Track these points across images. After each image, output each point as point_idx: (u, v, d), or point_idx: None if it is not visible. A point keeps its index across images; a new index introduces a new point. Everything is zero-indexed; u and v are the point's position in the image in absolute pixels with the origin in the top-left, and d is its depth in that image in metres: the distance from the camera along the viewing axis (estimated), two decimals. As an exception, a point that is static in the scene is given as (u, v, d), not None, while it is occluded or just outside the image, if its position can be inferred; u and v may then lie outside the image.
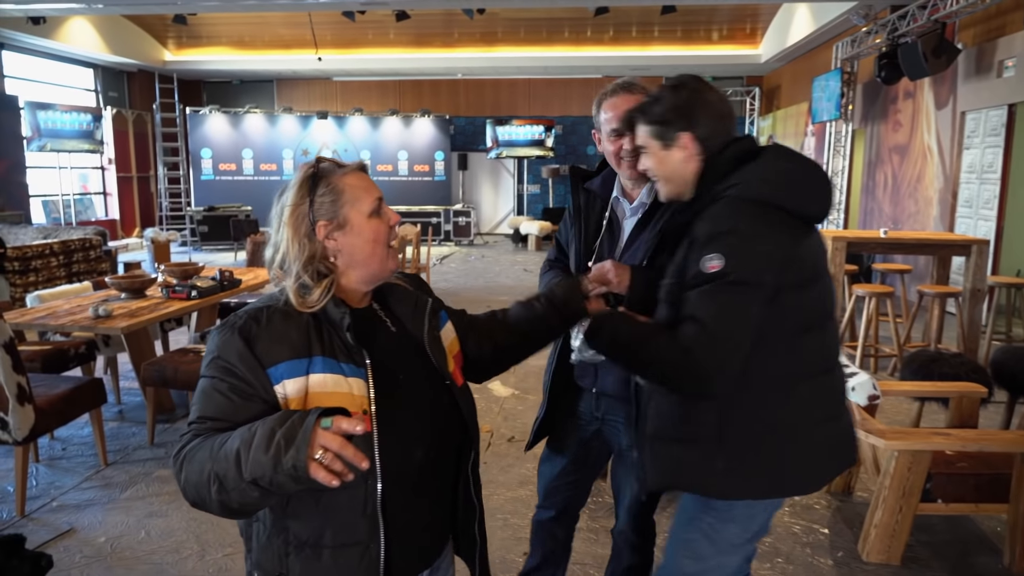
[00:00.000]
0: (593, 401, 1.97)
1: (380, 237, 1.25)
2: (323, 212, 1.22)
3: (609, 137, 1.82)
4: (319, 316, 1.21)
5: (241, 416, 1.12)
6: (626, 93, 1.81)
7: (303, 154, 14.72)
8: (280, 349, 1.16)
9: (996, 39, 6.83)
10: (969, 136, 7.35)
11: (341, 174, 1.25)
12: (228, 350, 1.15)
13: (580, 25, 13.08)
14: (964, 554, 2.82)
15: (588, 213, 1.95)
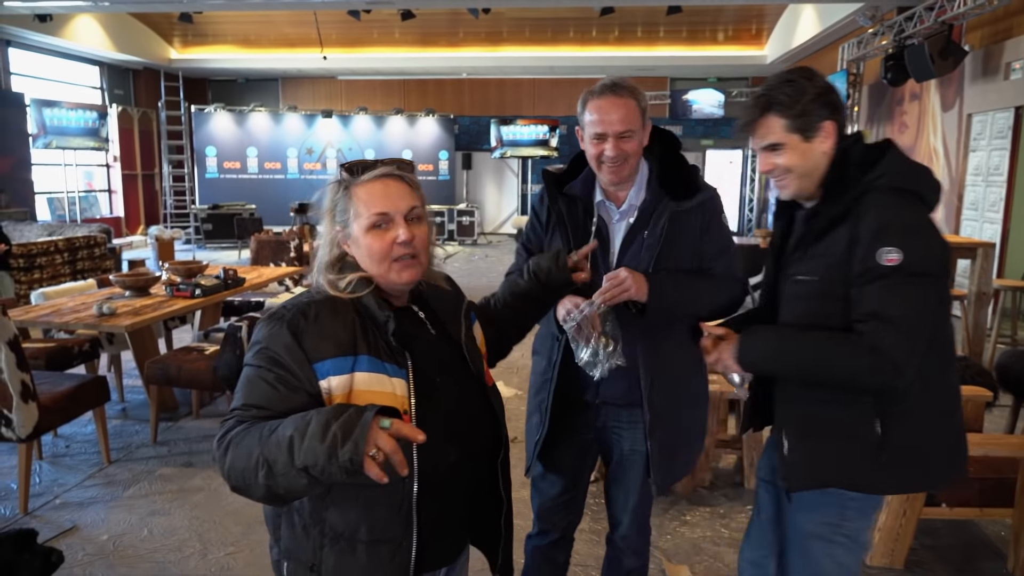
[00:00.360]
0: (593, 412, 1.90)
1: (375, 253, 1.25)
2: (338, 219, 1.28)
3: (592, 140, 1.75)
4: (363, 314, 1.24)
5: (286, 406, 1.14)
6: (612, 95, 1.73)
7: (307, 153, 14.74)
8: (327, 345, 1.19)
9: (1003, 41, 6.80)
10: (975, 138, 7.33)
11: (359, 182, 1.26)
12: (276, 342, 1.18)
13: (585, 25, 13.08)
14: (968, 558, 2.81)
15: (572, 219, 1.84)
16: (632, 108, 1.72)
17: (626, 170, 1.75)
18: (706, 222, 1.81)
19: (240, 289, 4.74)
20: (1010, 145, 6.71)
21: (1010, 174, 6.74)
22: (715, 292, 1.81)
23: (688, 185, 1.80)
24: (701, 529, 3.03)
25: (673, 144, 1.86)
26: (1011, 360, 4.03)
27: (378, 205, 1.25)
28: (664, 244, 1.75)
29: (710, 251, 1.82)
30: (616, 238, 1.82)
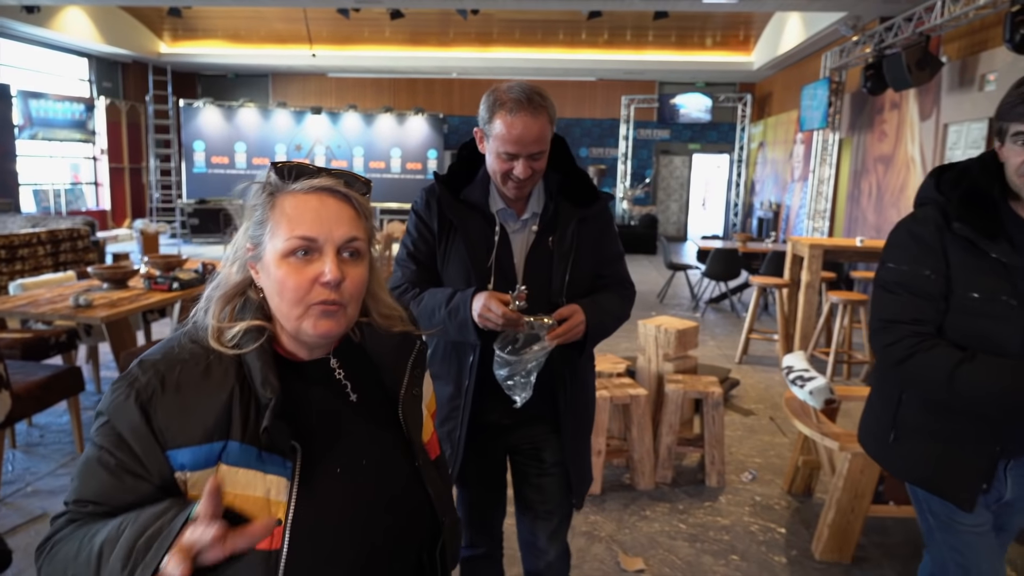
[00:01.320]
0: (507, 432, 1.84)
1: (288, 291, 0.92)
2: (253, 231, 0.96)
3: (499, 156, 1.63)
4: (246, 382, 0.93)
5: (128, 499, 0.88)
6: (528, 114, 1.57)
7: (296, 149, 14.76)
8: (187, 428, 0.89)
9: (979, 53, 6.93)
10: (951, 148, 7.46)
11: (288, 189, 0.95)
12: (120, 417, 0.89)
13: (575, 28, 13.17)
14: (915, 554, 2.91)
15: (469, 227, 1.70)
16: (545, 125, 1.61)
17: (531, 186, 1.68)
18: (602, 228, 1.79)
19: (219, 283, 4.78)
20: (983, 155, 6.84)
21: (983, 184, 6.86)
22: (625, 307, 1.82)
23: (587, 191, 1.76)
24: (659, 524, 3.11)
25: (564, 149, 1.78)
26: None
27: (304, 226, 0.92)
28: (576, 253, 1.70)
29: (607, 256, 1.81)
30: (519, 247, 1.73)
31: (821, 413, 3.01)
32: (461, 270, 1.71)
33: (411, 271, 1.77)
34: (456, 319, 1.63)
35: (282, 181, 0.95)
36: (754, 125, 14.79)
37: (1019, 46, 5.30)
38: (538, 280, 1.68)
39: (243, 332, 0.94)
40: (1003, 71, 6.46)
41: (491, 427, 1.81)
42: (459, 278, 1.72)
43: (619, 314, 1.79)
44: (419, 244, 1.76)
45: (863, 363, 5.50)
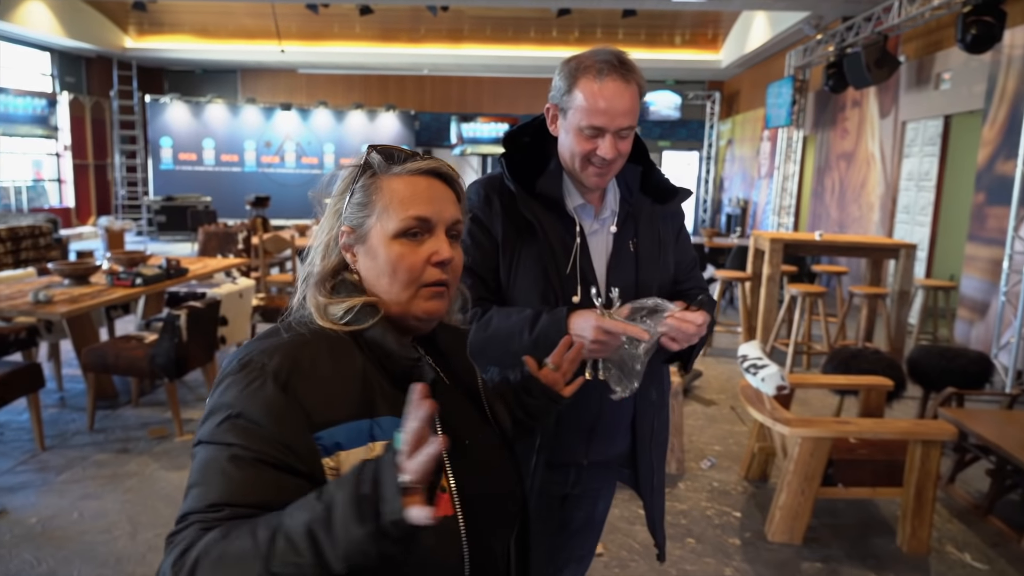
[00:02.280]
0: (574, 474, 1.54)
1: (403, 270, 0.92)
2: (351, 214, 0.95)
3: (581, 132, 1.36)
4: (374, 357, 0.91)
5: (277, 499, 0.77)
6: (620, 79, 1.33)
7: (265, 146, 14.63)
8: (335, 406, 0.85)
9: (935, 53, 7.12)
10: (908, 145, 7.66)
11: (393, 172, 0.94)
12: (255, 403, 0.82)
13: (546, 25, 13.22)
14: (862, 535, 3.01)
15: (550, 228, 1.42)
16: (636, 96, 1.36)
17: (613, 174, 1.42)
18: (678, 228, 1.56)
19: (183, 279, 4.76)
20: (939, 152, 7.05)
21: (939, 180, 7.07)
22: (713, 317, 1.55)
23: (665, 184, 1.52)
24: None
25: (636, 139, 1.51)
26: (920, 355, 4.28)
27: (419, 206, 0.93)
28: (664, 254, 1.50)
29: (685, 262, 1.57)
30: (598, 251, 1.46)
31: (774, 400, 3.10)
32: (537, 281, 1.41)
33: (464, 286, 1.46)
34: (546, 344, 1.27)
35: (388, 164, 0.95)
36: (723, 122, 14.98)
37: (971, 46, 5.46)
38: (622, 290, 1.36)
39: (357, 308, 0.92)
40: (957, 70, 6.65)
41: (560, 467, 1.52)
42: (532, 292, 1.41)
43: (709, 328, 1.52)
44: (474, 253, 1.42)
45: (822, 353, 5.63)
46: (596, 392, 1.38)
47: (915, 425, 2.96)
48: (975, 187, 6.19)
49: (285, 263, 8.35)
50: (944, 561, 2.85)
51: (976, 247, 6.10)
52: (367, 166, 0.95)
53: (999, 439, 3.00)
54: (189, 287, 5.89)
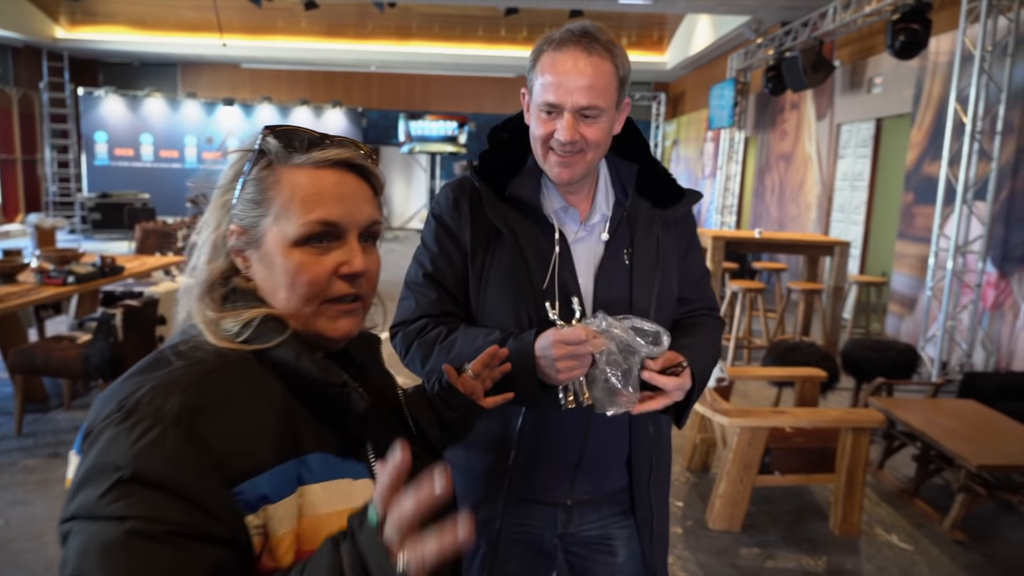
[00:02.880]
0: (561, 515, 1.33)
1: (303, 284, 0.77)
2: (241, 211, 0.78)
3: (540, 112, 1.19)
4: (292, 379, 0.76)
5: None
6: (579, 49, 1.15)
7: (207, 142, 14.25)
8: (255, 447, 0.69)
9: (867, 58, 7.41)
10: (843, 146, 7.95)
11: (295, 163, 0.77)
12: (154, 463, 0.64)
13: (494, 24, 13.24)
14: (798, 520, 3.12)
15: (525, 235, 1.24)
16: (604, 69, 1.16)
17: (583, 167, 1.21)
18: (687, 238, 1.36)
19: (119, 277, 4.60)
20: (871, 153, 7.34)
21: (871, 180, 7.36)
22: (718, 345, 1.36)
23: (669, 187, 1.31)
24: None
25: (635, 133, 1.34)
26: (853, 348, 4.46)
27: (327, 207, 0.77)
28: (662, 267, 1.27)
29: (695, 275, 1.37)
30: (584, 262, 1.26)
31: (714, 392, 3.18)
32: (508, 295, 1.24)
33: (430, 300, 1.28)
34: (513, 376, 1.16)
35: (287, 152, 0.77)
36: (668, 123, 15.27)
37: (900, 52, 5.70)
38: (613, 308, 1.18)
39: (257, 323, 0.75)
40: (887, 75, 6.94)
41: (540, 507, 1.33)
42: (503, 308, 1.24)
43: (715, 356, 1.33)
44: (441, 263, 1.28)
45: (762, 347, 5.80)
46: (581, 422, 1.25)
47: (846, 413, 3.08)
48: (904, 187, 6.47)
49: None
50: (873, 543, 2.98)
51: (905, 244, 6.38)
52: (262, 153, 0.78)
53: (924, 426, 3.15)
54: (126, 286, 5.69)
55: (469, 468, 1.32)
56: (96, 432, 0.67)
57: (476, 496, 1.31)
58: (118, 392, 0.70)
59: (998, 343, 5.04)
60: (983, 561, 2.87)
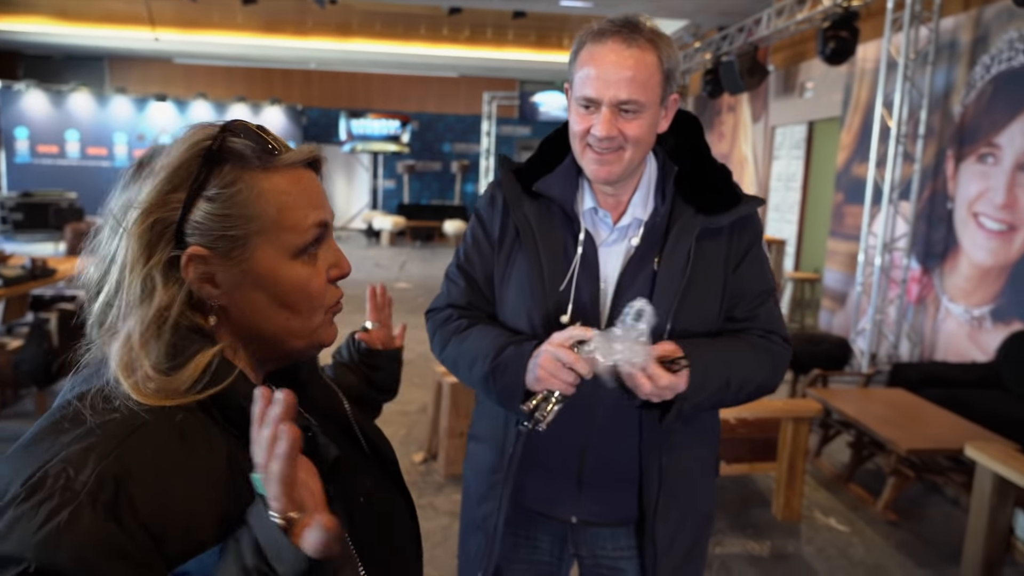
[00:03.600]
0: (568, 535, 1.29)
1: (310, 296, 0.71)
2: (204, 231, 0.66)
3: (578, 107, 1.15)
4: (237, 426, 0.65)
5: None
6: (620, 41, 1.10)
7: (138, 139, 13.74)
8: (198, 519, 0.59)
9: (799, 63, 7.72)
10: (777, 148, 8.26)
11: (269, 167, 0.68)
12: (65, 548, 0.53)
13: (437, 23, 13.19)
14: (742, 507, 3.25)
15: (546, 233, 1.21)
16: (649, 67, 1.11)
17: (621, 165, 1.15)
18: (743, 249, 1.22)
19: (50, 280, 4.41)
20: (804, 155, 7.65)
21: (804, 180, 7.67)
22: (767, 366, 1.21)
23: (720, 192, 1.20)
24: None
25: (696, 132, 1.26)
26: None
27: (319, 208, 0.72)
28: (690, 280, 1.17)
29: (749, 292, 1.23)
30: (609, 266, 1.21)
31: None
32: (523, 295, 1.21)
33: (459, 290, 1.29)
34: (501, 381, 1.14)
35: (267, 154, 0.68)
36: (609, 124, 15.51)
37: (830, 58, 5.95)
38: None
39: (216, 365, 0.65)
40: (818, 80, 7.24)
41: (546, 520, 1.28)
42: (518, 308, 1.22)
43: (750, 376, 1.18)
44: (473, 255, 1.28)
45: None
46: (578, 433, 1.19)
47: (786, 404, 3.22)
48: (835, 187, 6.77)
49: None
50: (813, 526, 3.13)
51: (836, 242, 6.67)
52: (226, 156, 0.66)
53: (858, 414, 3.32)
54: (56, 289, 5.46)
55: (476, 465, 1.32)
56: (12, 511, 0.54)
57: (479, 493, 1.30)
58: (22, 461, 0.58)
59: (922, 335, 5.34)
60: (912, 539, 3.05)
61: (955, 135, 5.02)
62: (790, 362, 1.28)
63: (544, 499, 1.26)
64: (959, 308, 4.88)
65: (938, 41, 5.17)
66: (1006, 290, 4.44)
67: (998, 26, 4.65)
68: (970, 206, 4.84)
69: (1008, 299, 4.42)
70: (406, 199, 15.37)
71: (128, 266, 0.65)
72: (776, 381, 1.24)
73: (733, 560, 2.83)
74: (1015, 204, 4.41)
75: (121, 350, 0.63)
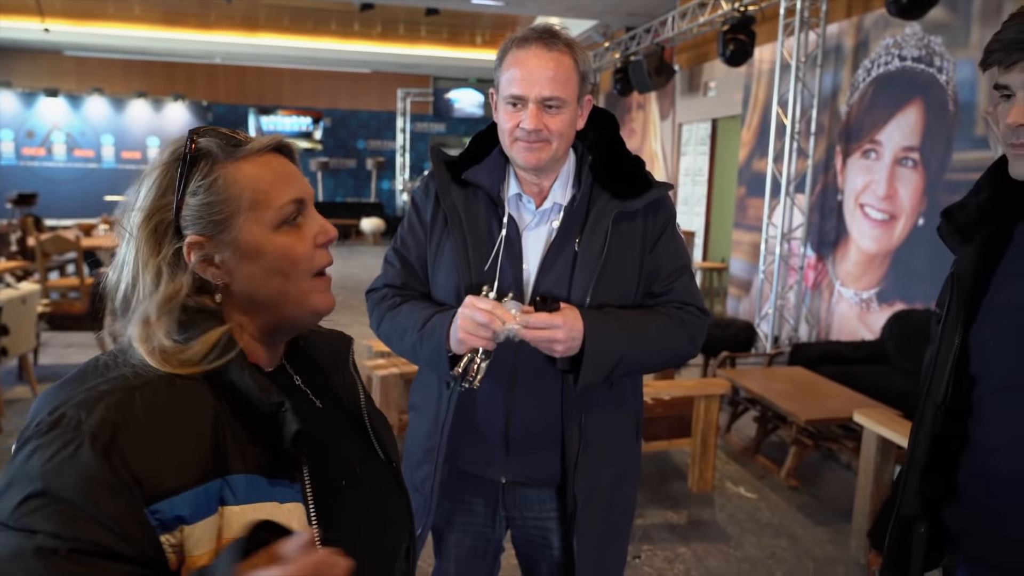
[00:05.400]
0: (500, 496, 1.40)
1: (297, 261, 0.81)
2: (196, 220, 0.77)
3: (506, 106, 1.28)
4: (231, 398, 0.76)
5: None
6: (542, 46, 1.25)
7: (27, 136, 12.91)
8: (175, 468, 0.69)
9: (703, 64, 8.12)
10: (685, 144, 8.66)
11: (237, 157, 0.79)
12: (67, 476, 0.65)
13: (347, 18, 13.01)
14: (661, 482, 3.47)
15: (472, 217, 1.34)
16: (565, 64, 1.26)
17: (548, 152, 1.28)
18: (657, 230, 1.36)
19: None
20: (709, 151, 8.06)
21: (709, 175, 8.09)
22: (676, 332, 1.33)
23: (634, 179, 1.35)
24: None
25: (611, 127, 1.41)
26: (701, 325, 4.95)
27: (291, 186, 0.81)
28: (607, 259, 1.30)
29: (665, 269, 1.37)
30: (532, 248, 1.34)
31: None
32: (452, 275, 1.33)
33: (395, 271, 1.42)
34: (428, 346, 1.28)
35: (232, 147, 0.79)
36: (524, 121, 15.73)
37: (729, 59, 6.32)
38: (555, 295, 1.29)
39: (224, 343, 0.75)
40: (721, 80, 7.65)
41: (478, 482, 1.40)
42: (448, 287, 1.34)
43: (660, 339, 1.32)
44: (408, 238, 1.42)
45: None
46: (502, 395, 1.31)
47: (698, 383, 3.46)
48: (738, 181, 7.18)
49: (66, 266, 7.51)
50: (724, 495, 3.38)
51: (741, 233, 7.09)
52: (199, 156, 0.77)
53: (762, 391, 3.60)
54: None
55: (414, 432, 1.43)
56: (24, 441, 0.68)
57: (417, 457, 1.41)
58: (51, 400, 0.72)
59: (818, 317, 5.77)
60: (812, 501, 3.35)
61: (842, 132, 5.45)
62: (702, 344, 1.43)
63: (476, 461, 1.38)
64: (849, 292, 5.32)
65: (825, 45, 5.59)
66: (889, 274, 4.88)
67: (876, 32, 5.09)
68: (857, 197, 5.27)
69: (891, 283, 4.86)
70: (320, 197, 15.09)
71: (141, 264, 0.77)
72: (694, 348, 1.38)
73: (654, 529, 3.03)
74: (895, 195, 4.85)
75: (139, 326, 0.76)
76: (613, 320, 1.28)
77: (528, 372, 1.32)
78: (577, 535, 1.34)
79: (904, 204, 4.76)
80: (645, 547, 2.88)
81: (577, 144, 1.40)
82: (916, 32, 4.64)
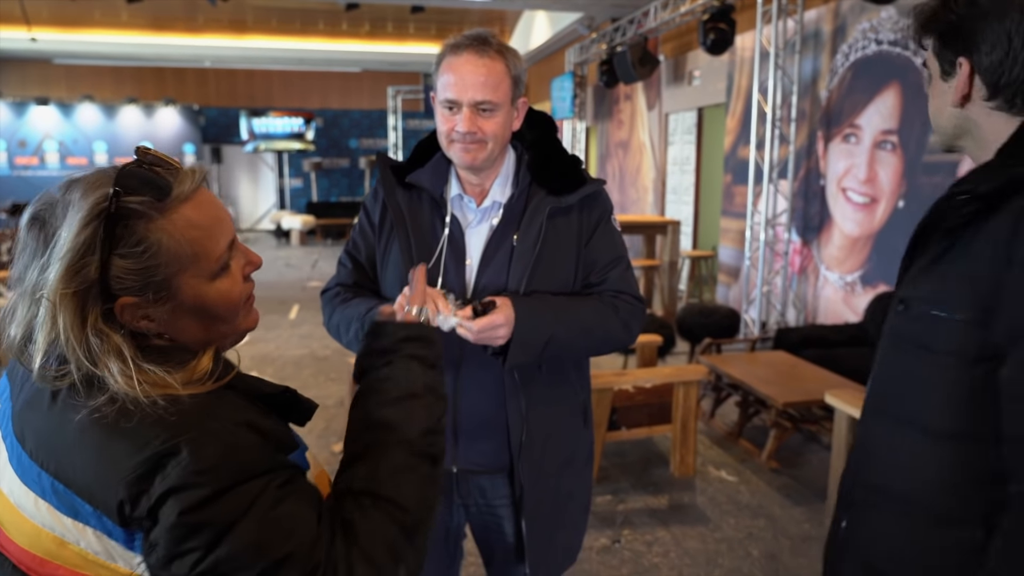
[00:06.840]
0: (452, 484, 1.45)
1: (234, 305, 0.82)
2: (129, 284, 0.73)
3: (443, 110, 1.34)
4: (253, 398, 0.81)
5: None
6: (473, 53, 1.31)
7: (19, 146, 12.96)
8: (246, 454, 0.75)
9: (687, 53, 8.14)
10: (672, 134, 8.69)
11: (169, 208, 0.74)
12: (225, 454, 0.72)
13: (335, 18, 13.02)
14: (644, 468, 3.52)
15: (416, 218, 1.40)
16: (499, 73, 1.32)
17: (484, 152, 1.34)
18: (592, 223, 1.43)
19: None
20: (695, 140, 8.09)
21: (697, 163, 8.13)
22: (608, 318, 1.39)
23: (568, 176, 1.41)
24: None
25: (548, 128, 1.47)
26: (685, 314, 5.00)
27: (224, 227, 0.80)
28: (542, 251, 1.36)
29: (600, 260, 1.43)
30: (474, 244, 1.41)
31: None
32: (398, 273, 1.39)
33: (346, 271, 1.49)
34: None
35: (163, 197, 0.74)
36: (515, 115, 15.75)
37: (711, 48, 6.35)
38: (494, 289, 1.36)
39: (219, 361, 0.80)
40: (704, 69, 7.68)
41: None
42: (395, 283, 1.39)
43: (590, 322, 1.38)
44: (359, 240, 1.50)
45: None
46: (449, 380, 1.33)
47: (676, 370, 3.52)
48: (724, 169, 7.22)
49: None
50: (706, 479, 3.43)
51: (728, 221, 7.13)
52: (125, 214, 0.71)
53: (742, 376, 3.65)
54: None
55: None
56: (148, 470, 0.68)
57: None
58: (130, 441, 0.70)
59: (805, 301, 5.82)
60: (792, 482, 3.40)
61: (823, 118, 5.49)
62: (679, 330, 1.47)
63: None
64: (834, 275, 5.37)
65: (803, 32, 5.62)
66: (872, 256, 4.93)
67: (853, 17, 5.12)
68: (839, 182, 5.31)
69: (874, 265, 4.90)
70: (314, 197, 15.14)
71: (68, 329, 0.70)
72: (630, 334, 1.45)
73: (635, 515, 3.08)
74: (875, 179, 4.89)
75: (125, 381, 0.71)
76: (540, 303, 1.34)
77: (471, 362, 1.37)
78: (526, 519, 1.40)
79: (884, 187, 4.80)
80: (625, 532, 2.94)
81: (516, 144, 1.47)
82: (892, 16, 4.68)
